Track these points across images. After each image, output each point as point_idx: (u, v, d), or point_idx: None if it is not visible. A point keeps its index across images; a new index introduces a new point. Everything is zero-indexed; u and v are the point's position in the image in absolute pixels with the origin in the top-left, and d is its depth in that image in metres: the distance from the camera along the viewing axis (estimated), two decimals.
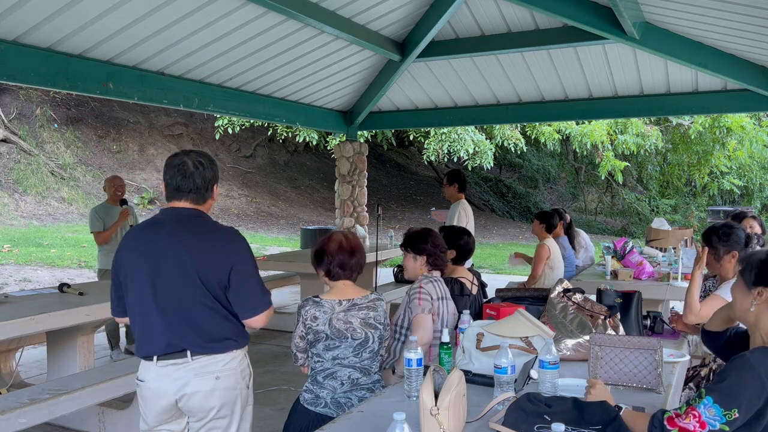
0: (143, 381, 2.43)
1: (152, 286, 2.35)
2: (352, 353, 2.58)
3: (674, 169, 19.62)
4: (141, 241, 2.42)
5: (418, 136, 16.20)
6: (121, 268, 2.43)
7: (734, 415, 1.70)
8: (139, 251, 2.39)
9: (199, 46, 5.24)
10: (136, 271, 2.38)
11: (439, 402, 1.79)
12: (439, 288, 3.15)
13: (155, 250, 2.36)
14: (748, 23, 4.53)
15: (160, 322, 2.35)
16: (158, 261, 2.35)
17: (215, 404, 2.40)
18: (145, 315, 2.38)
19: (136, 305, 2.40)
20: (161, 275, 2.35)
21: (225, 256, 2.38)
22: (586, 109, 7.30)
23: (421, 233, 3.24)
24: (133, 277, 2.39)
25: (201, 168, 2.44)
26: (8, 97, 16.25)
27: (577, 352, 2.73)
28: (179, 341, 2.35)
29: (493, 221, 21.75)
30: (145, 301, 2.37)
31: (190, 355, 2.36)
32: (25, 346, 4.87)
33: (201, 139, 20.10)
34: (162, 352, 2.37)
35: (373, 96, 7.60)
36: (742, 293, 1.98)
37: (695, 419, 1.72)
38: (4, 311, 3.66)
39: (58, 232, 13.22)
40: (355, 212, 8.61)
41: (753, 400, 1.71)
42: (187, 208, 2.43)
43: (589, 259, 6.96)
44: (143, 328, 2.40)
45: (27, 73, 4.41)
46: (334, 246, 2.66)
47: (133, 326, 2.45)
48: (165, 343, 2.36)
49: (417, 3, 6.16)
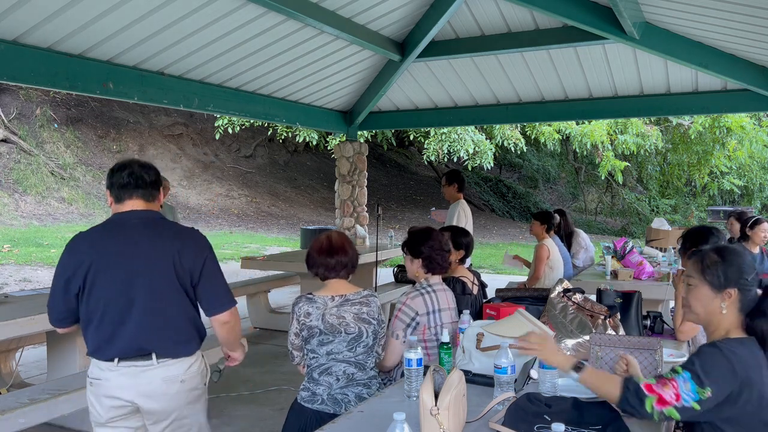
0: (99, 379, 2.37)
1: (125, 288, 2.32)
2: (346, 348, 2.60)
3: (674, 169, 19.63)
4: (108, 244, 2.36)
5: (418, 136, 16.20)
6: (82, 272, 2.33)
7: (707, 394, 1.72)
8: (108, 254, 2.34)
9: (199, 46, 5.24)
10: (103, 274, 2.32)
11: (439, 402, 1.79)
12: (431, 300, 2.97)
13: (129, 253, 2.34)
14: (748, 23, 4.53)
15: (129, 325, 2.32)
16: (133, 263, 2.33)
17: (178, 405, 2.40)
18: (111, 317, 2.32)
19: (98, 310, 2.33)
20: (137, 276, 2.32)
21: (197, 254, 2.41)
22: (586, 109, 7.30)
23: (421, 234, 3.09)
24: (98, 281, 2.32)
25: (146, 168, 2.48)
26: (8, 97, 16.26)
27: (577, 352, 2.73)
28: (146, 343, 2.34)
29: (493, 221, 21.76)
30: (113, 305, 2.32)
31: (155, 358, 2.35)
32: (25, 346, 4.86)
33: (201, 139, 20.11)
34: (127, 355, 2.33)
35: (373, 96, 7.60)
36: (708, 296, 1.91)
37: (673, 390, 1.75)
38: (4, 311, 3.66)
39: (58, 232, 13.22)
40: (355, 212, 8.61)
41: (724, 384, 1.73)
42: (142, 210, 2.43)
43: (589, 259, 6.96)
44: (106, 331, 2.33)
45: (27, 73, 4.41)
46: (316, 248, 2.72)
47: (87, 330, 2.37)
48: (132, 346, 2.33)
49: (417, 3, 6.16)
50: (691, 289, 1.96)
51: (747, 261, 1.92)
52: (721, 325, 1.90)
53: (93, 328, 2.35)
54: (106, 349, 2.34)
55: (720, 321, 1.90)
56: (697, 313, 1.95)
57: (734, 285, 1.88)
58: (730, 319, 1.89)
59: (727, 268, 1.89)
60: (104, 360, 2.35)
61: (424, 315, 2.94)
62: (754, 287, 1.91)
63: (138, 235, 2.37)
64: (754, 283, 1.90)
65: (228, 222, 16.61)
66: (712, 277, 1.90)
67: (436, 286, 3.06)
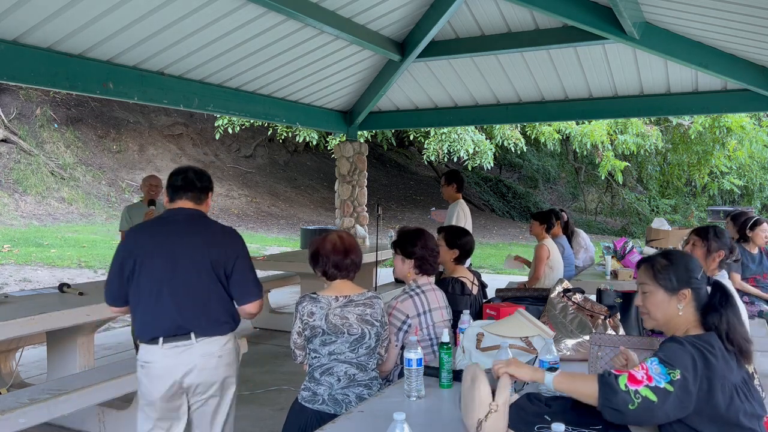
0: (149, 362, 2.69)
1: (168, 274, 2.68)
2: (348, 349, 2.60)
3: (674, 169, 19.62)
4: (155, 234, 2.76)
5: (418, 136, 16.20)
6: (131, 259, 2.70)
7: (677, 375, 1.76)
8: (154, 243, 2.72)
9: (199, 46, 5.24)
10: (149, 261, 2.69)
11: (497, 398, 1.83)
12: (420, 302, 2.96)
13: (172, 243, 2.72)
14: (748, 23, 4.53)
15: (171, 306, 2.66)
16: (175, 252, 2.70)
17: (218, 378, 2.76)
18: (155, 300, 2.67)
19: (145, 292, 2.68)
20: (178, 264, 2.69)
21: (232, 249, 2.78)
22: (586, 109, 7.29)
23: (413, 234, 3.08)
24: (145, 267, 2.68)
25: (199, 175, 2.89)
26: (8, 97, 16.26)
27: (577, 352, 2.73)
28: (187, 324, 2.68)
29: (493, 221, 21.76)
30: (157, 288, 2.67)
31: (194, 337, 2.69)
32: (25, 346, 4.87)
33: (201, 139, 20.11)
34: (169, 334, 2.67)
35: (373, 96, 7.60)
36: (664, 300, 1.97)
37: (643, 371, 1.81)
38: (4, 311, 3.66)
39: (58, 232, 13.22)
40: (355, 212, 8.61)
41: (689, 370, 1.77)
42: (191, 208, 2.82)
43: (589, 259, 6.96)
44: (151, 313, 2.68)
45: (27, 73, 4.41)
46: (329, 247, 2.68)
47: (135, 311, 2.72)
48: (173, 326, 2.67)
49: (417, 3, 6.16)
50: (647, 296, 2.02)
51: (693, 261, 2.02)
52: (680, 326, 1.96)
53: (140, 309, 2.71)
54: (151, 328, 2.68)
55: (678, 322, 1.96)
56: (656, 319, 2.01)
57: (686, 285, 1.96)
58: (687, 318, 1.95)
59: (677, 269, 1.98)
60: (149, 339, 2.69)
61: (415, 317, 2.93)
62: (704, 285, 1.99)
63: (182, 229, 2.76)
64: (703, 281, 1.99)
65: (228, 222, 16.60)
66: (665, 281, 1.98)
67: (425, 287, 3.04)
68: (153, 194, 5.74)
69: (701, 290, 1.97)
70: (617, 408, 1.79)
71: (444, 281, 3.55)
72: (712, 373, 1.77)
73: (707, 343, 1.82)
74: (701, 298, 1.96)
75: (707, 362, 1.78)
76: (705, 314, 1.93)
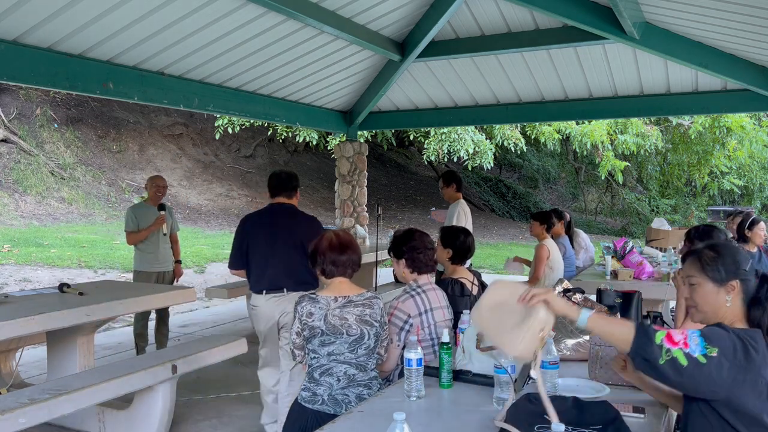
0: (257, 306, 3.97)
1: (269, 247, 3.91)
2: (348, 349, 2.59)
3: (674, 169, 19.62)
4: (264, 219, 4.03)
5: (418, 136, 16.19)
6: (248, 234, 3.97)
7: (713, 352, 1.74)
8: (263, 224, 3.99)
9: (199, 46, 5.24)
10: (258, 236, 3.95)
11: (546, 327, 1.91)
12: (421, 301, 2.99)
13: (275, 225, 3.97)
14: (748, 23, 4.53)
15: (271, 270, 3.91)
16: (275, 233, 3.93)
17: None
18: (260, 265, 3.93)
19: (254, 260, 3.95)
20: (277, 242, 3.91)
21: (315, 232, 3.59)
22: (586, 109, 7.29)
23: (402, 235, 3.14)
24: (256, 243, 3.94)
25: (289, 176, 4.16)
26: (8, 97, 16.25)
27: (577, 352, 2.73)
28: (281, 282, 3.91)
29: (493, 221, 21.75)
30: (262, 257, 3.92)
31: (286, 291, 3.91)
32: (25, 346, 4.87)
33: (201, 139, 20.11)
34: (270, 288, 3.92)
35: (373, 96, 7.60)
36: (712, 292, 1.94)
37: (682, 335, 1.78)
38: (4, 311, 3.66)
39: (58, 232, 13.21)
40: (355, 212, 8.61)
41: (727, 355, 1.75)
42: (286, 203, 4.07)
43: (589, 259, 6.96)
44: (259, 274, 3.95)
45: (27, 73, 4.41)
46: (325, 244, 2.71)
47: (249, 273, 3.99)
48: (272, 283, 3.92)
49: (417, 3, 6.16)
50: (695, 288, 1.98)
51: (741, 252, 1.98)
52: (727, 318, 1.93)
53: (252, 272, 3.99)
54: (259, 284, 3.95)
55: (725, 314, 1.93)
56: (704, 312, 1.97)
57: (735, 276, 1.93)
58: (734, 311, 1.93)
59: (725, 261, 1.94)
60: (258, 292, 3.95)
61: (417, 316, 2.94)
62: (752, 277, 1.95)
63: (280, 217, 4.01)
64: (751, 273, 1.95)
65: (228, 222, 16.58)
66: (713, 272, 1.94)
67: (426, 286, 3.06)
68: (160, 195, 5.82)
69: (749, 282, 1.94)
70: (648, 358, 1.78)
71: (443, 282, 3.54)
72: (749, 365, 1.75)
73: (752, 337, 1.80)
74: (749, 291, 1.93)
75: (747, 354, 1.76)
76: (749, 307, 1.92)
